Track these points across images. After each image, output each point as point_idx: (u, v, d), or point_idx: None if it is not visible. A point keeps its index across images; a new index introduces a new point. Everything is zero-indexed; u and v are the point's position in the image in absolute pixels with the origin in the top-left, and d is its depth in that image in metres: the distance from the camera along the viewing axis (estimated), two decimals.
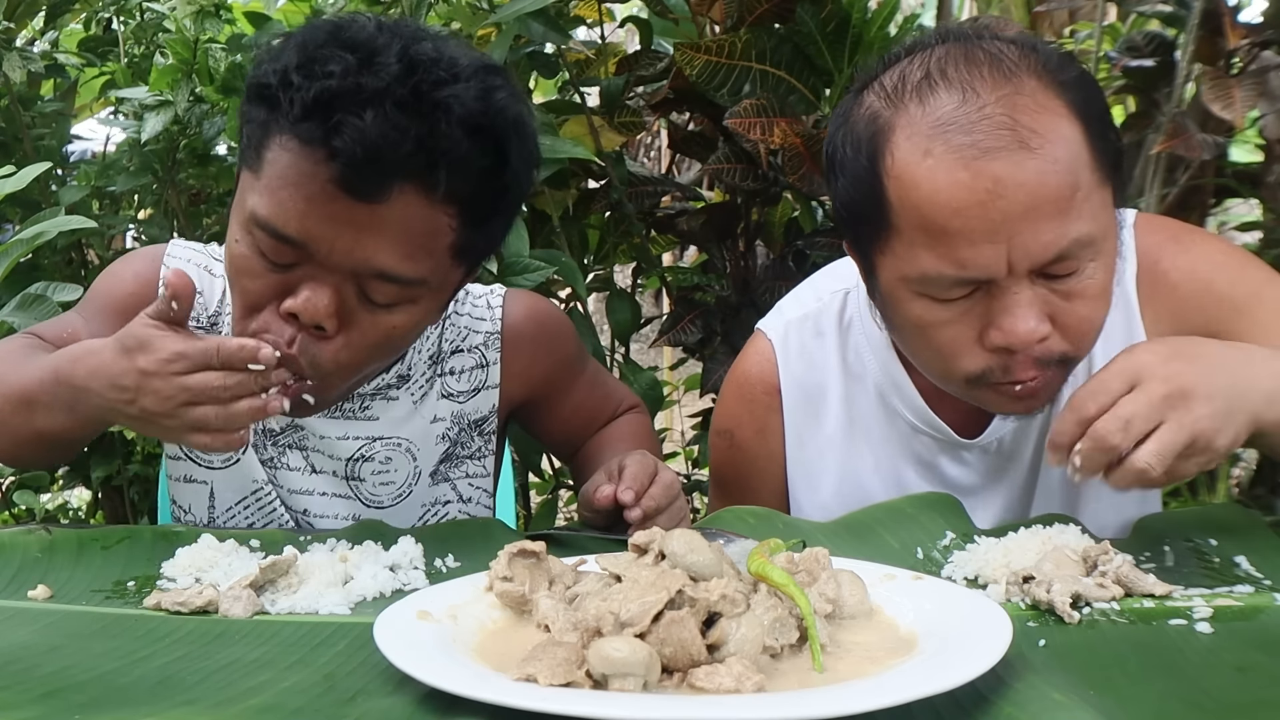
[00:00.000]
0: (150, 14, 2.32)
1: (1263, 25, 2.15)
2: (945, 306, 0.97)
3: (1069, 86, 0.95)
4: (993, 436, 1.15)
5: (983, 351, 0.98)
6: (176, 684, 0.70)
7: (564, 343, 1.34)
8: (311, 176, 0.94)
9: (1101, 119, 0.97)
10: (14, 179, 1.56)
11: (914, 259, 0.96)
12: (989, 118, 0.91)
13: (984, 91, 0.92)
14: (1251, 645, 0.74)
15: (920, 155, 0.93)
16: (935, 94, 0.94)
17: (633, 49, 2.31)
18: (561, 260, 1.87)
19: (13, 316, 1.58)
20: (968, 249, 0.92)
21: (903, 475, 1.19)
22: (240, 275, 1.01)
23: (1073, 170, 0.92)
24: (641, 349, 3.61)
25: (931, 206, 0.93)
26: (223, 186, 2.43)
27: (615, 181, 2.07)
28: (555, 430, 1.38)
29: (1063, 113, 0.93)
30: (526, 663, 0.65)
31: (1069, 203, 0.91)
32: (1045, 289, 0.95)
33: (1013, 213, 0.90)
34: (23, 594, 0.88)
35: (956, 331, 0.98)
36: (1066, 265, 0.94)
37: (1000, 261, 0.92)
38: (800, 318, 1.23)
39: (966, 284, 0.95)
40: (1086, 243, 0.93)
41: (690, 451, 2.59)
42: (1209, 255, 1.11)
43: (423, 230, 0.99)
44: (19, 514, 2.35)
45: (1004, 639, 0.67)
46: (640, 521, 1.00)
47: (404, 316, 1.04)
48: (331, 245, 0.96)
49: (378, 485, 1.25)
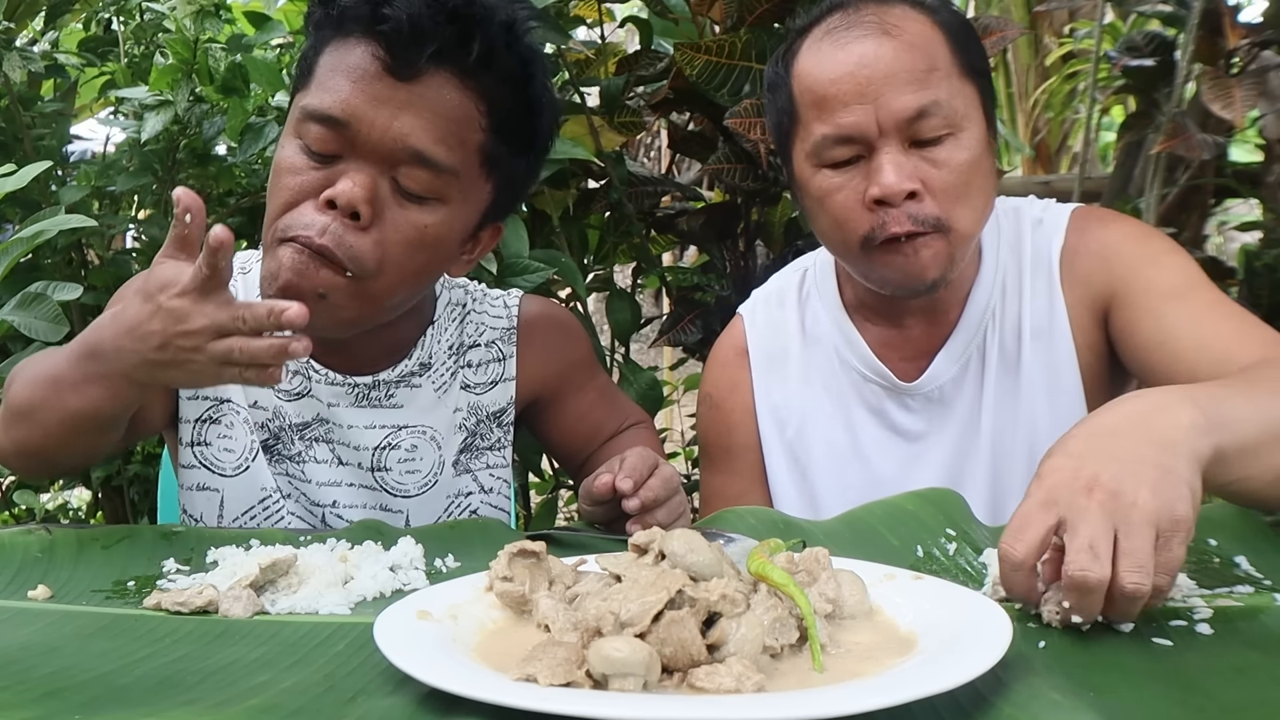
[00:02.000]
0: (150, 14, 2.32)
1: (1263, 25, 2.15)
2: (836, 173, 1.17)
3: (937, 12, 1.19)
4: (931, 384, 1.28)
5: (866, 212, 1.15)
6: (176, 684, 0.70)
7: (577, 344, 1.40)
8: (357, 60, 1.07)
9: (968, 36, 1.20)
10: (14, 179, 1.56)
11: (809, 132, 1.18)
12: (863, 19, 1.17)
13: (864, 9, 1.18)
14: (1251, 645, 0.74)
15: (813, 52, 1.19)
16: (830, 16, 1.20)
17: (633, 49, 2.31)
18: (561, 260, 1.87)
19: (13, 316, 1.58)
20: (842, 110, 1.14)
21: (855, 420, 1.32)
22: (283, 176, 1.10)
23: (929, 54, 1.14)
24: (641, 349, 3.61)
25: (815, 81, 1.17)
26: (223, 186, 2.43)
27: (615, 181, 2.07)
28: (562, 433, 1.39)
29: (925, 22, 1.17)
30: (526, 663, 0.65)
31: (925, 75, 1.13)
32: (916, 156, 1.14)
33: (875, 78, 1.13)
34: (23, 594, 0.88)
35: (845, 196, 1.17)
36: (928, 125, 1.13)
37: (870, 120, 1.13)
38: (766, 295, 1.43)
39: (846, 142, 1.15)
40: (945, 109, 1.13)
41: (690, 451, 2.58)
42: (1122, 228, 1.26)
43: (455, 115, 1.09)
44: (19, 514, 2.35)
45: (1004, 639, 0.67)
46: (638, 511, 1.00)
47: (434, 216, 1.11)
48: (372, 123, 1.06)
49: (404, 474, 1.28)
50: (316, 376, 1.25)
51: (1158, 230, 1.26)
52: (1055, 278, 1.25)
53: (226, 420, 1.24)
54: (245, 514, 1.24)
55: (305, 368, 1.25)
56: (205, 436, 1.24)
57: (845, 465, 1.32)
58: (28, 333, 1.58)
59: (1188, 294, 1.16)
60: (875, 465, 1.31)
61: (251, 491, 1.24)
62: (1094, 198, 3.26)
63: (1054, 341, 1.24)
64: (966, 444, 1.28)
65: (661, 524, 1.00)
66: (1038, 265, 1.26)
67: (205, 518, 1.25)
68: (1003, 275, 1.27)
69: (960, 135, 1.15)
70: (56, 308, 1.59)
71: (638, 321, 2.20)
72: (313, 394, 1.25)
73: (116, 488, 2.37)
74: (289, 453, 1.25)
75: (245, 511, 1.24)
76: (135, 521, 2.34)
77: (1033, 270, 1.26)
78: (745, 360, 1.38)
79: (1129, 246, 1.22)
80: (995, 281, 1.27)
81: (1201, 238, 2.90)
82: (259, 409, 1.25)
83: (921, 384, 1.29)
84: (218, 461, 1.24)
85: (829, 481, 1.32)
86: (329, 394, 1.25)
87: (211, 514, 1.24)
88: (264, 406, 1.25)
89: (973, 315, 1.27)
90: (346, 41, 1.09)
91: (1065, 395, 1.24)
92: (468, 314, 1.33)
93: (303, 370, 1.25)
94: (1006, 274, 1.27)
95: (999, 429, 1.26)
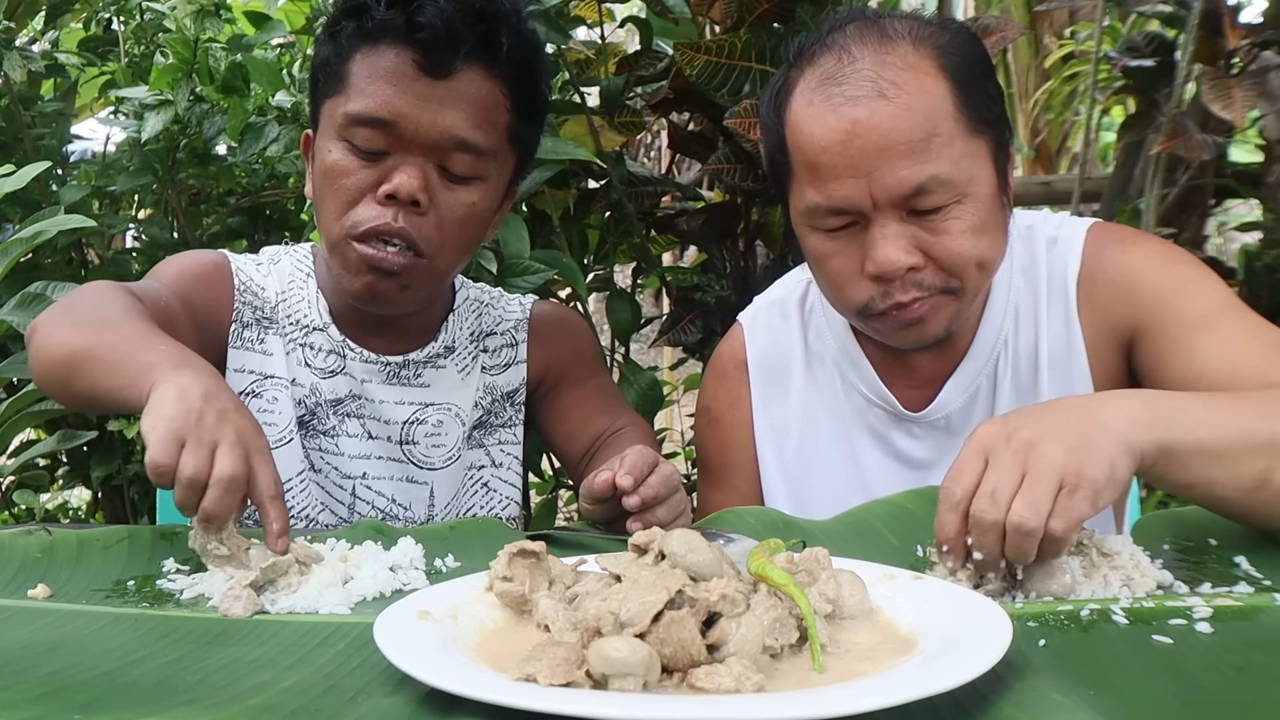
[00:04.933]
0: (150, 14, 2.32)
1: (1263, 25, 2.16)
2: (830, 239, 1.12)
3: (945, 51, 1.09)
4: (938, 413, 1.24)
5: (865, 281, 1.11)
6: (176, 684, 0.70)
7: (582, 339, 1.49)
8: (393, 64, 1.17)
9: (976, 80, 1.10)
10: (14, 178, 1.56)
11: (802, 194, 1.13)
12: (858, 72, 1.08)
13: (860, 54, 1.09)
14: (1251, 645, 0.74)
15: (805, 105, 1.11)
16: (824, 56, 1.11)
17: (633, 49, 2.31)
18: (562, 260, 1.87)
19: (12, 316, 1.58)
20: (834, 182, 1.08)
21: (857, 445, 1.28)
22: (336, 177, 1.19)
23: (929, 118, 1.06)
24: (641, 349, 3.61)
25: (808, 145, 1.09)
26: (223, 186, 2.43)
27: (615, 181, 2.07)
28: (556, 418, 1.44)
29: (930, 71, 1.08)
30: (526, 663, 0.65)
31: (924, 145, 1.05)
32: (915, 225, 1.08)
33: (868, 150, 1.05)
34: (23, 594, 0.88)
35: (841, 263, 1.12)
36: (927, 200, 1.06)
37: (863, 194, 1.07)
38: (768, 303, 1.38)
39: (839, 214, 1.10)
40: (946, 183, 1.06)
41: (690, 451, 2.58)
42: (1144, 252, 1.18)
43: (487, 103, 1.20)
44: (19, 514, 2.35)
45: (1004, 639, 0.67)
46: (638, 508, 1.01)
47: (477, 193, 1.23)
48: (418, 120, 1.17)
49: (430, 448, 1.37)
50: (351, 355, 1.34)
51: (1182, 252, 1.20)
52: (1072, 305, 1.20)
53: (269, 394, 1.31)
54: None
55: (342, 346, 1.34)
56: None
57: (845, 491, 1.26)
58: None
59: (1217, 323, 1.10)
60: (877, 492, 1.21)
61: (293, 463, 1.30)
62: (1094, 198, 3.26)
63: (1071, 371, 1.20)
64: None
65: (662, 521, 1.01)
66: (1053, 290, 1.21)
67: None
68: (1015, 302, 1.23)
69: (965, 201, 1.08)
70: None
71: (638, 321, 2.20)
72: (347, 371, 1.34)
73: (116, 487, 2.37)
74: (323, 427, 1.33)
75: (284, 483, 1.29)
76: (135, 521, 2.33)
77: (1048, 295, 1.21)
78: (744, 374, 1.34)
79: (1152, 274, 1.16)
80: (1008, 309, 1.23)
81: (1201, 238, 2.90)
82: (298, 385, 1.33)
83: (928, 413, 1.24)
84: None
85: (827, 506, 1.22)
86: (363, 371, 1.34)
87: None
88: (302, 383, 1.33)
89: (984, 344, 1.23)
90: (377, 48, 1.18)
91: None
92: (485, 308, 1.45)
93: (339, 349, 1.34)
94: (1020, 300, 1.23)
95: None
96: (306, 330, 1.33)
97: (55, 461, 2.38)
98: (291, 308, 1.34)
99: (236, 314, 1.31)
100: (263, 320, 1.33)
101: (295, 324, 1.34)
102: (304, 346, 1.33)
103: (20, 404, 1.68)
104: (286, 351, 1.32)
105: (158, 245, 2.43)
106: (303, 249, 1.41)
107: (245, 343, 1.31)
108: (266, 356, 1.32)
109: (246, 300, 1.32)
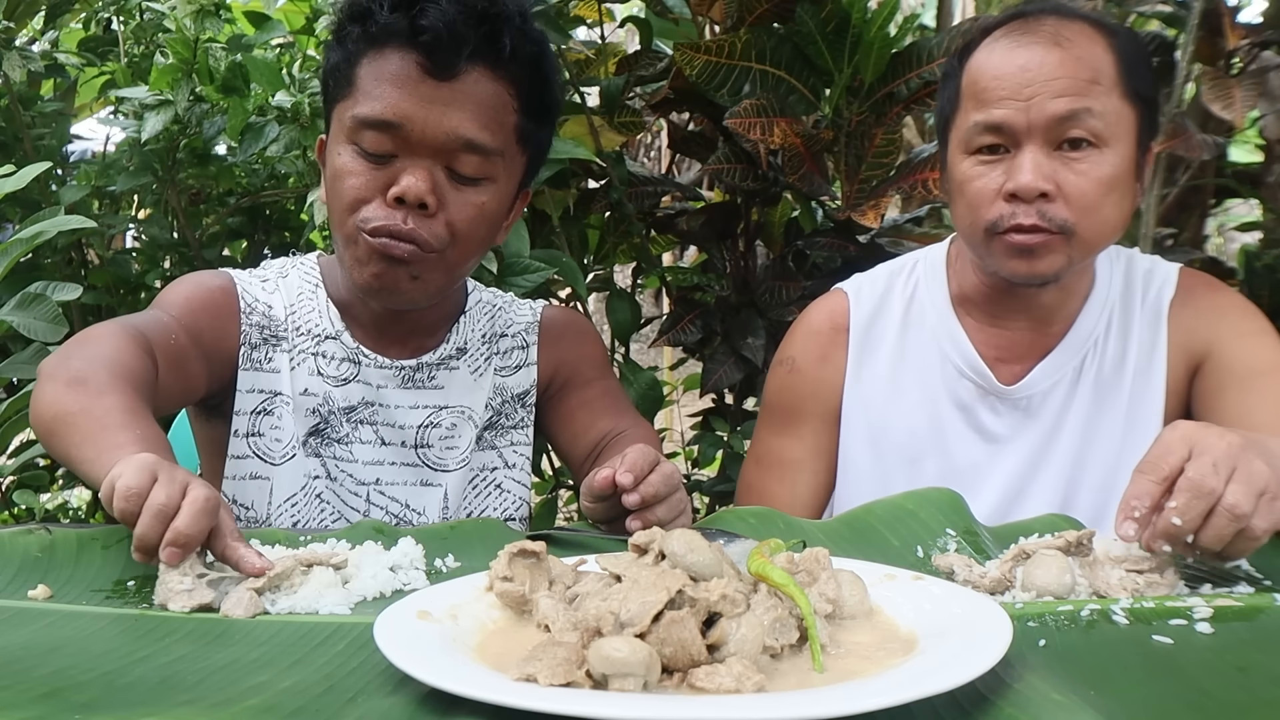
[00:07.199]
0: (150, 14, 2.32)
1: (1263, 25, 2.16)
2: (979, 162, 1.25)
3: (1116, 35, 1.24)
4: (1026, 391, 1.34)
5: (1000, 202, 1.23)
6: (176, 684, 0.70)
7: (590, 343, 1.50)
8: (398, 68, 1.18)
9: (1137, 63, 1.24)
10: (14, 179, 1.56)
11: (965, 119, 1.26)
12: (1041, 28, 1.23)
13: (1046, 20, 1.24)
14: (1251, 645, 0.74)
15: (987, 50, 1.26)
16: (1014, 21, 1.27)
17: (633, 49, 2.31)
18: (562, 260, 1.87)
19: (12, 316, 1.58)
20: (997, 104, 1.22)
21: (942, 413, 1.38)
22: (345, 179, 1.21)
23: (1093, 67, 1.20)
24: (641, 349, 3.62)
25: (982, 75, 1.25)
26: (223, 186, 2.43)
27: (615, 181, 2.07)
28: (561, 419, 1.45)
29: (1100, 42, 1.22)
30: (526, 663, 0.65)
31: (1085, 85, 1.19)
32: (1058, 160, 1.21)
33: (1035, 80, 1.20)
34: (23, 594, 0.88)
35: (983, 184, 1.24)
36: (1075, 129, 1.19)
37: (1020, 117, 1.20)
38: (873, 277, 1.47)
39: (995, 132, 1.22)
40: (1095, 118, 1.19)
41: (690, 451, 2.58)
42: (1229, 297, 1.35)
43: (493, 104, 1.21)
44: (19, 514, 2.35)
45: (1004, 639, 0.67)
46: (638, 506, 1.01)
47: (486, 194, 1.24)
48: (425, 122, 1.17)
49: (444, 450, 1.37)
50: (366, 361, 1.34)
51: (1258, 310, 1.35)
52: (1163, 322, 1.33)
53: (278, 411, 1.31)
54: (288, 500, 1.31)
55: (355, 353, 1.34)
56: (259, 428, 1.32)
57: (924, 453, 1.38)
58: (27, 333, 1.58)
59: (1273, 373, 1.26)
60: (955, 458, 1.37)
61: (295, 478, 1.31)
62: None
63: (1150, 381, 1.33)
64: (1040, 457, 1.34)
65: (662, 520, 1.00)
66: (1147, 308, 1.34)
67: (256, 505, 1.31)
68: (1110, 310, 1.35)
69: (1105, 150, 1.20)
70: (56, 308, 1.59)
71: (638, 321, 2.20)
72: (361, 378, 1.35)
73: None
74: (337, 435, 1.33)
75: (288, 498, 1.31)
76: None
77: (1142, 311, 1.34)
78: (843, 337, 1.43)
79: (1233, 316, 1.32)
80: (1103, 314, 1.34)
81: (1201, 238, 2.90)
82: (309, 395, 1.33)
83: (1018, 389, 1.34)
84: (269, 451, 1.31)
85: (904, 466, 1.38)
86: (378, 377, 1.35)
87: (262, 501, 1.31)
88: (314, 393, 1.33)
89: (1078, 335, 1.34)
90: (383, 52, 1.19)
91: (1143, 433, 1.30)
92: (498, 311, 1.46)
93: (352, 356, 1.34)
94: (1114, 310, 1.35)
95: (1079, 450, 1.33)
96: (319, 339, 1.34)
97: (55, 461, 2.38)
98: (302, 319, 1.35)
99: (245, 337, 1.31)
100: (270, 339, 1.33)
101: (307, 334, 1.33)
102: (316, 356, 1.33)
103: (20, 404, 1.68)
104: (292, 366, 1.32)
105: (158, 245, 2.43)
106: (309, 260, 1.41)
107: (254, 364, 1.31)
108: (274, 374, 1.32)
109: (254, 322, 1.32)
